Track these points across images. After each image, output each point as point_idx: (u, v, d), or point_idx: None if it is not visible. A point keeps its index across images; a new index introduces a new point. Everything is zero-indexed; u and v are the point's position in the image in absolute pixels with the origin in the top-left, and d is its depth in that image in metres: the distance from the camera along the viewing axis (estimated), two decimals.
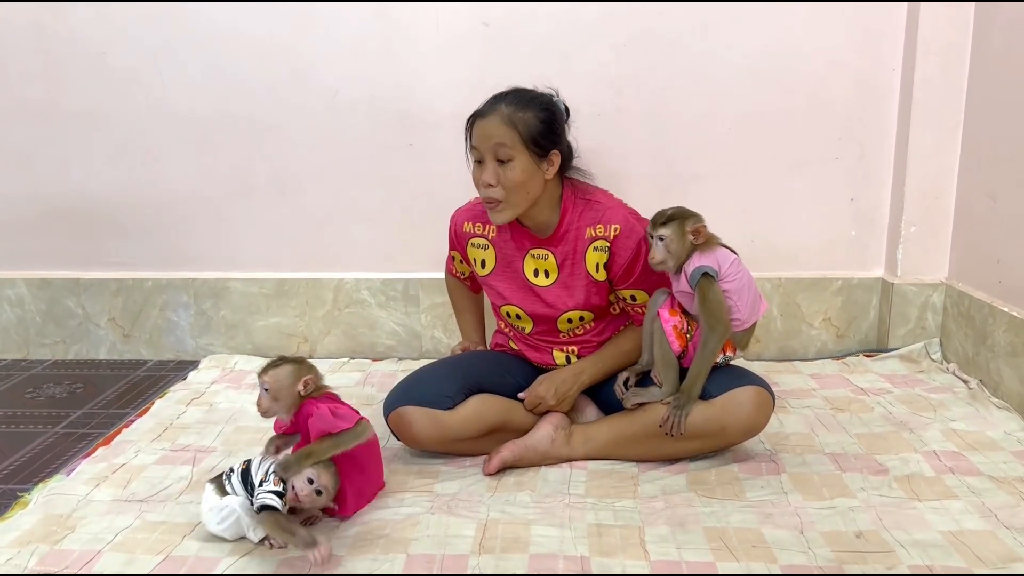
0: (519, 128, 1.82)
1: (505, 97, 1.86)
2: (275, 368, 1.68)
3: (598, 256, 1.93)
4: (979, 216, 2.42)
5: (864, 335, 2.72)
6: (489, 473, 1.87)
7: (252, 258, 2.78)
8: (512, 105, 1.83)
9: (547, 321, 2.00)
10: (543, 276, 1.98)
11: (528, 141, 1.82)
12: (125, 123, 2.68)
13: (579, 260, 1.94)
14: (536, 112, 1.84)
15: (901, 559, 1.50)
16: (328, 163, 2.68)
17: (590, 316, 1.99)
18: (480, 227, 2.03)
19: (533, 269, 1.98)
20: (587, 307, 1.97)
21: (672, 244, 1.81)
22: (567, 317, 1.97)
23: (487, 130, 1.83)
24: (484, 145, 1.84)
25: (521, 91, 1.90)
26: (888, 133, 2.60)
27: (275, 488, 1.55)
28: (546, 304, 1.98)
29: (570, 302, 1.96)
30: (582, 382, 1.99)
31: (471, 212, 2.06)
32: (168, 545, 1.59)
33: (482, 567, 1.51)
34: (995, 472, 1.83)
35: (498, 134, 1.82)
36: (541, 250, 1.97)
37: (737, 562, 1.51)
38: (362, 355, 2.78)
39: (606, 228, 1.91)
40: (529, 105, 1.85)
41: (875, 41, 2.53)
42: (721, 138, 2.61)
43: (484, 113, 1.85)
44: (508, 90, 1.90)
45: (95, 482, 1.86)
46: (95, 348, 2.85)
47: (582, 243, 1.93)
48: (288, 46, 2.59)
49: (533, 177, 1.85)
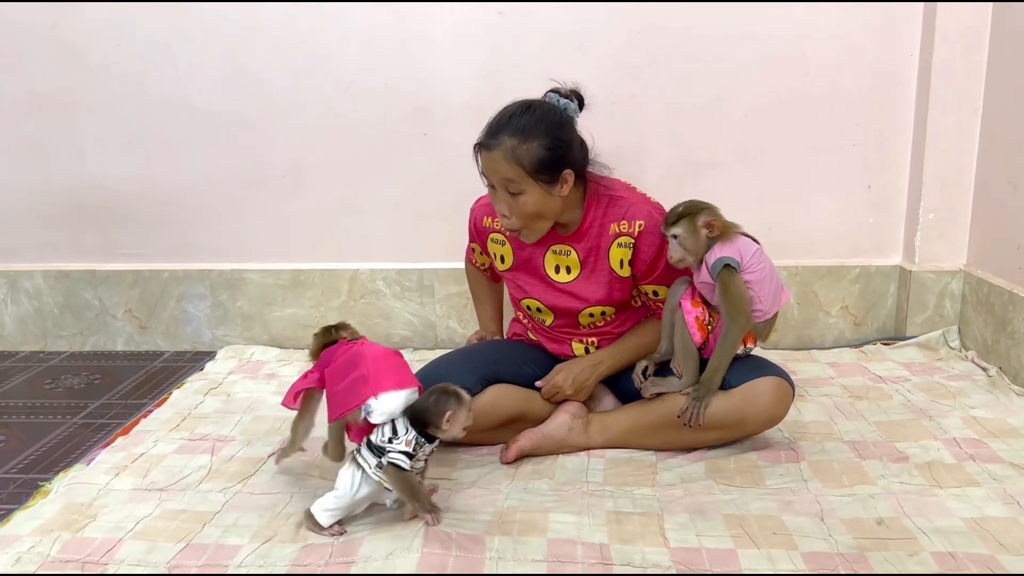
0: (524, 163, 1.76)
1: (507, 125, 1.77)
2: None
3: (622, 252, 1.91)
4: (999, 202, 2.40)
5: (882, 323, 2.71)
6: (507, 461, 1.87)
7: (268, 249, 2.78)
8: (516, 137, 1.75)
9: (568, 315, 1.99)
10: (564, 272, 1.96)
11: (535, 173, 1.77)
12: (140, 114, 2.68)
13: (603, 256, 1.93)
14: (540, 140, 1.76)
15: (923, 546, 1.49)
16: (343, 154, 2.68)
17: (612, 311, 1.98)
18: (498, 223, 2.00)
19: (555, 266, 1.96)
20: (609, 302, 1.95)
21: (687, 241, 1.80)
22: (588, 312, 1.96)
23: (492, 165, 1.79)
24: (493, 178, 1.82)
25: (523, 114, 1.79)
26: (906, 119, 2.58)
27: (404, 449, 1.56)
28: (567, 299, 1.96)
29: (592, 298, 1.95)
30: (600, 372, 1.98)
31: (490, 207, 2.02)
32: (189, 533, 1.60)
33: (499, 548, 1.50)
34: (1016, 459, 1.82)
35: (503, 170, 1.78)
36: (563, 246, 1.95)
37: (758, 549, 1.50)
38: None
39: (631, 224, 1.89)
40: (532, 134, 1.76)
41: (892, 26, 2.51)
42: (737, 125, 2.59)
43: (489, 146, 1.78)
44: (511, 112, 1.80)
45: (115, 471, 1.87)
46: (112, 339, 2.86)
47: (606, 239, 1.91)
48: (302, 37, 2.59)
49: (547, 203, 1.82)
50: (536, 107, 1.81)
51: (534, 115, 1.79)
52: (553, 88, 1.86)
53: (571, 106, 1.85)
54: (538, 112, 1.80)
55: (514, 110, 1.81)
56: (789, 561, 1.46)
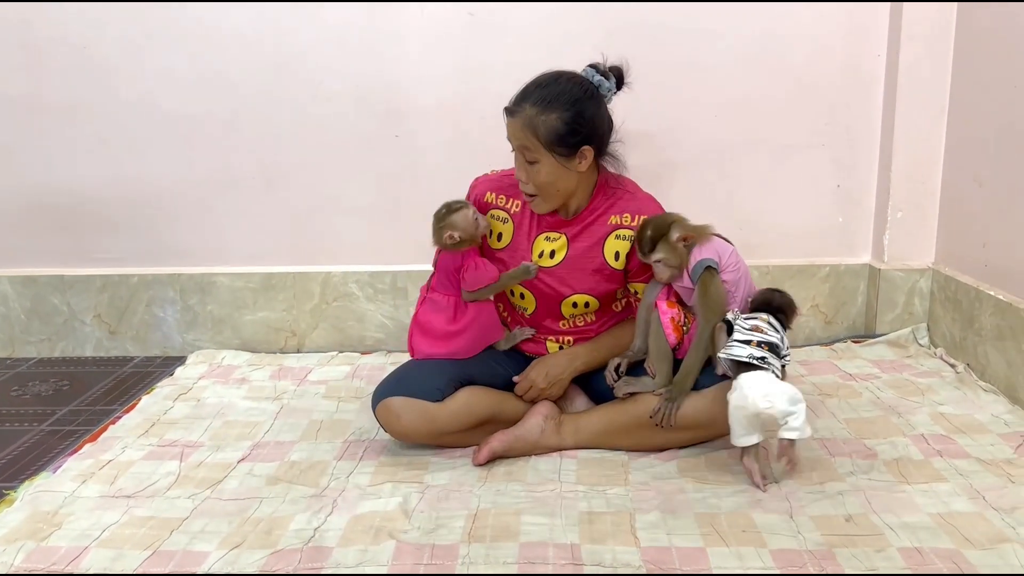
0: (540, 134, 1.77)
1: (532, 94, 1.80)
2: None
3: (620, 244, 1.92)
4: (965, 200, 2.43)
5: (852, 321, 2.73)
6: (479, 464, 1.86)
7: (238, 252, 2.76)
8: (536, 106, 1.77)
9: (551, 303, 1.97)
10: (547, 257, 1.95)
11: (551, 145, 1.78)
12: (108, 117, 2.65)
13: (596, 245, 1.93)
14: (560, 113, 1.77)
15: (890, 541, 1.51)
16: (314, 155, 2.66)
17: (595, 304, 1.97)
18: (504, 199, 1.98)
19: (540, 250, 1.95)
20: (595, 293, 1.94)
21: (670, 260, 1.81)
22: (572, 301, 1.95)
23: (513, 131, 1.82)
24: (514, 143, 1.84)
25: (550, 84, 1.81)
26: (874, 118, 2.60)
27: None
28: (548, 285, 1.95)
29: (578, 286, 1.94)
30: (575, 368, 1.98)
31: (497, 183, 2.00)
32: (156, 540, 1.58)
33: (472, 556, 1.50)
34: (983, 454, 1.84)
35: (521, 137, 1.80)
36: (555, 233, 1.95)
37: (727, 547, 1.51)
38: (351, 348, 2.77)
39: (633, 218, 1.91)
40: (553, 105, 1.77)
41: (860, 26, 2.54)
42: (709, 124, 2.61)
43: (512, 112, 1.81)
44: (538, 81, 1.82)
45: (82, 478, 1.85)
46: (81, 345, 2.83)
47: (603, 229, 1.92)
48: (273, 37, 2.57)
49: (561, 176, 1.83)
50: (565, 79, 1.82)
51: (560, 87, 1.80)
52: (592, 63, 1.87)
53: (605, 84, 1.86)
54: (564, 84, 1.81)
55: (543, 80, 1.82)
56: (758, 559, 1.47)
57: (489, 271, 1.92)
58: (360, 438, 2.04)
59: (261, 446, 2.01)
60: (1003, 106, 2.22)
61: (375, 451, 1.96)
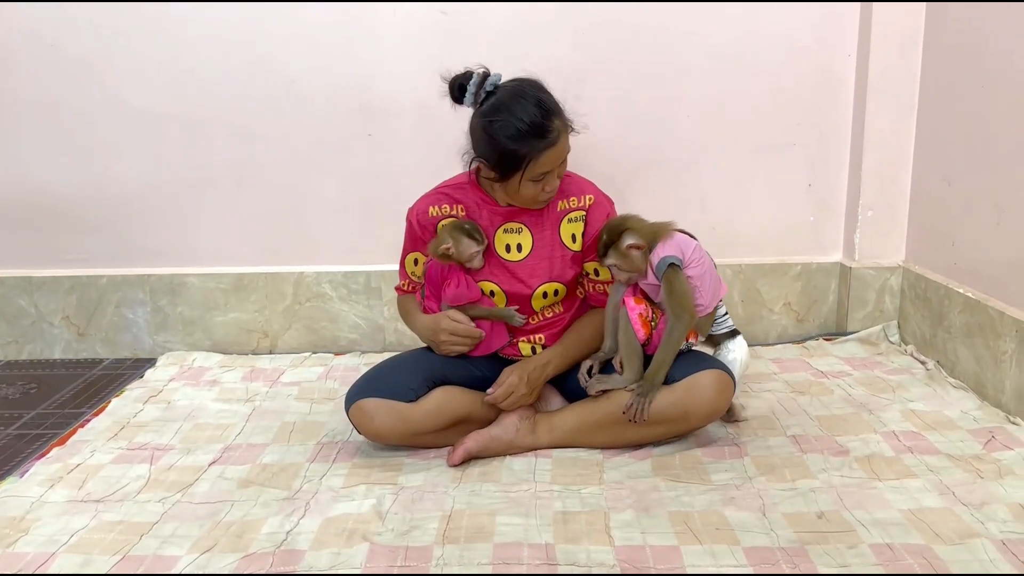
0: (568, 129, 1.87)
1: (552, 109, 1.84)
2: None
3: (574, 227, 1.95)
4: (934, 199, 2.46)
5: (823, 319, 2.75)
6: (453, 464, 1.86)
7: (209, 252, 2.73)
8: (560, 112, 1.85)
9: (521, 299, 1.97)
10: (515, 251, 1.96)
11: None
12: (77, 115, 2.62)
13: (554, 231, 1.96)
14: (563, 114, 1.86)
15: (862, 538, 1.52)
16: (287, 154, 2.64)
17: (563, 291, 1.98)
18: (447, 208, 1.98)
19: (505, 244, 1.96)
20: (562, 279, 1.96)
21: (624, 265, 1.84)
22: (542, 291, 1.96)
23: (564, 147, 1.87)
24: (561, 160, 1.88)
25: (542, 90, 1.86)
26: (845, 119, 2.63)
27: None
28: (519, 279, 1.95)
29: (545, 275, 1.95)
30: (548, 373, 1.98)
31: (433, 196, 2.01)
32: (125, 545, 1.56)
33: (446, 558, 1.50)
34: (952, 451, 1.86)
35: (567, 146, 1.88)
36: (515, 223, 1.96)
37: (701, 545, 1.51)
38: (324, 349, 2.76)
39: (580, 199, 1.96)
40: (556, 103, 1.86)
41: (831, 28, 2.56)
42: (681, 125, 2.61)
43: (557, 134, 1.82)
44: (539, 97, 1.83)
45: (49, 483, 1.82)
46: (49, 347, 2.78)
47: (555, 215, 1.95)
48: (245, 35, 2.55)
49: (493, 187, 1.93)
50: (531, 83, 1.86)
51: (544, 89, 1.85)
52: (484, 70, 1.86)
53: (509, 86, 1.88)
54: (537, 84, 1.86)
55: (537, 94, 1.83)
56: (731, 556, 1.48)
57: (472, 291, 1.94)
58: (333, 439, 2.02)
59: (232, 449, 1.99)
60: (971, 107, 2.24)
61: (348, 453, 1.94)
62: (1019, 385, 2.01)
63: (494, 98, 1.81)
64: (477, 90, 1.83)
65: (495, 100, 1.81)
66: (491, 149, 1.81)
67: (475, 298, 1.94)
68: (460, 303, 1.94)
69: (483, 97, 1.82)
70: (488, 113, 1.80)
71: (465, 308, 1.95)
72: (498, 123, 1.77)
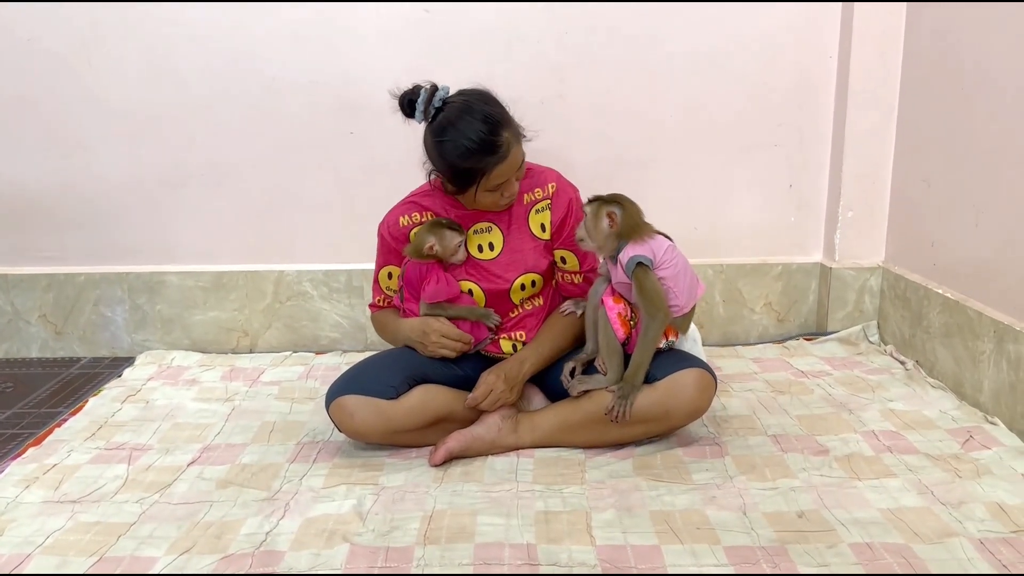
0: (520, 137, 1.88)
1: (501, 122, 1.84)
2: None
3: (542, 217, 1.98)
4: (914, 200, 2.47)
5: (804, 319, 2.77)
6: (435, 464, 1.85)
7: (189, 250, 2.71)
8: (510, 124, 1.86)
9: (500, 295, 1.98)
10: (488, 249, 1.98)
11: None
12: (54, 111, 2.59)
13: (523, 224, 1.99)
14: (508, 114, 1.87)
15: (841, 537, 1.53)
16: (267, 151, 2.62)
17: (540, 281, 2.01)
18: (417, 216, 2.01)
19: (477, 245, 1.99)
20: (536, 270, 1.98)
21: (589, 223, 1.85)
22: (519, 283, 1.97)
23: (518, 157, 1.88)
24: (516, 167, 1.90)
25: (490, 103, 1.86)
26: (826, 120, 2.64)
27: None
28: (495, 276, 1.97)
29: (520, 268, 1.97)
30: (526, 371, 1.98)
31: (402, 207, 2.04)
32: (102, 546, 1.54)
33: (427, 559, 1.49)
34: (931, 450, 1.88)
35: (521, 154, 1.89)
36: (484, 223, 1.99)
37: (682, 545, 1.52)
38: (305, 348, 2.74)
39: (544, 189, 1.99)
40: (507, 113, 1.88)
41: (812, 29, 2.57)
42: (665, 125, 2.62)
43: (507, 146, 1.83)
44: (487, 111, 1.82)
45: (25, 483, 1.79)
46: (26, 346, 2.75)
47: (522, 209, 1.98)
48: (224, 32, 2.53)
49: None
50: (478, 96, 1.85)
51: (492, 102, 1.85)
52: (432, 85, 1.86)
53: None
54: (485, 97, 1.86)
55: (484, 108, 1.81)
56: (712, 555, 1.48)
57: (452, 287, 1.95)
58: (314, 439, 2.01)
59: (211, 449, 1.97)
60: (950, 109, 2.26)
61: (329, 453, 1.93)
62: (997, 385, 2.03)
63: (442, 115, 1.82)
64: (426, 107, 1.83)
65: (443, 117, 1.81)
66: (443, 166, 1.85)
67: (456, 294, 1.95)
68: (440, 299, 1.94)
69: (432, 113, 1.83)
70: (437, 132, 1.82)
71: (444, 307, 1.94)
72: (447, 143, 1.80)
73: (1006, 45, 2.01)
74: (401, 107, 1.88)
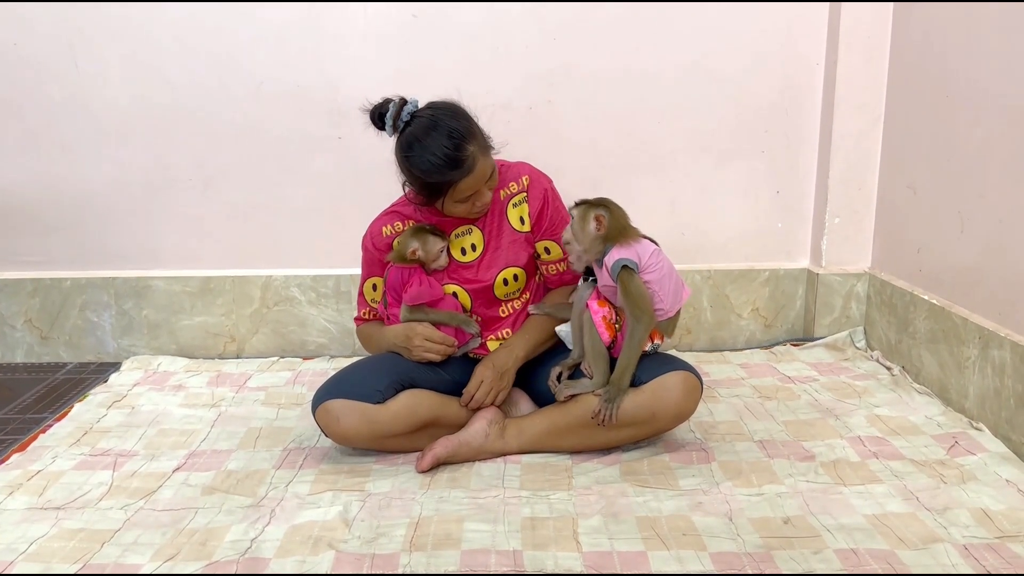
0: (488, 149, 1.88)
1: (467, 134, 1.84)
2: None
3: (519, 210, 2.01)
4: (900, 206, 2.49)
5: (791, 325, 2.77)
6: (422, 470, 1.85)
7: (175, 255, 2.70)
8: (476, 139, 1.85)
9: (484, 292, 2.00)
10: (471, 251, 2.00)
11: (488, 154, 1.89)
12: (39, 115, 2.57)
13: (502, 223, 2.00)
14: (476, 128, 1.87)
15: (827, 543, 1.53)
16: (254, 156, 2.62)
17: (523, 276, 2.01)
18: (400, 225, 2.03)
19: (460, 248, 2.01)
20: (516, 263, 1.99)
21: (576, 226, 1.85)
22: (502, 279, 1.98)
23: (484, 171, 1.88)
24: (483, 178, 1.90)
25: (456, 118, 1.85)
26: (812, 126, 2.65)
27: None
28: (478, 277, 1.99)
29: (501, 263, 1.98)
30: (516, 356, 1.98)
31: (384, 218, 2.06)
32: (86, 553, 1.53)
33: (413, 565, 1.49)
34: (916, 456, 1.88)
35: (488, 166, 1.89)
36: (464, 226, 2.00)
37: (668, 550, 1.52)
38: (292, 353, 2.73)
39: (518, 182, 2.01)
40: (475, 126, 1.88)
41: (800, 36, 2.58)
42: (652, 131, 2.63)
43: (472, 160, 1.83)
44: (453, 126, 1.83)
45: (8, 490, 1.78)
46: (11, 351, 2.73)
47: (499, 205, 2.00)
48: (210, 36, 2.52)
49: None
50: (445, 110, 1.85)
51: (460, 116, 1.85)
52: (400, 99, 1.86)
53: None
54: (453, 111, 1.85)
55: (450, 123, 1.81)
56: (698, 562, 1.48)
57: (435, 289, 1.96)
58: (300, 445, 2.00)
59: (197, 455, 1.96)
60: (936, 116, 2.27)
61: (315, 459, 1.93)
62: (982, 391, 2.04)
63: (409, 130, 1.83)
64: (394, 120, 1.85)
65: (409, 133, 1.83)
66: (412, 179, 1.87)
67: (438, 296, 1.95)
68: (422, 301, 1.94)
69: (401, 127, 1.85)
70: (404, 147, 1.84)
71: (425, 311, 1.95)
72: (413, 158, 1.82)
73: (992, 52, 2.03)
74: (372, 120, 1.89)
